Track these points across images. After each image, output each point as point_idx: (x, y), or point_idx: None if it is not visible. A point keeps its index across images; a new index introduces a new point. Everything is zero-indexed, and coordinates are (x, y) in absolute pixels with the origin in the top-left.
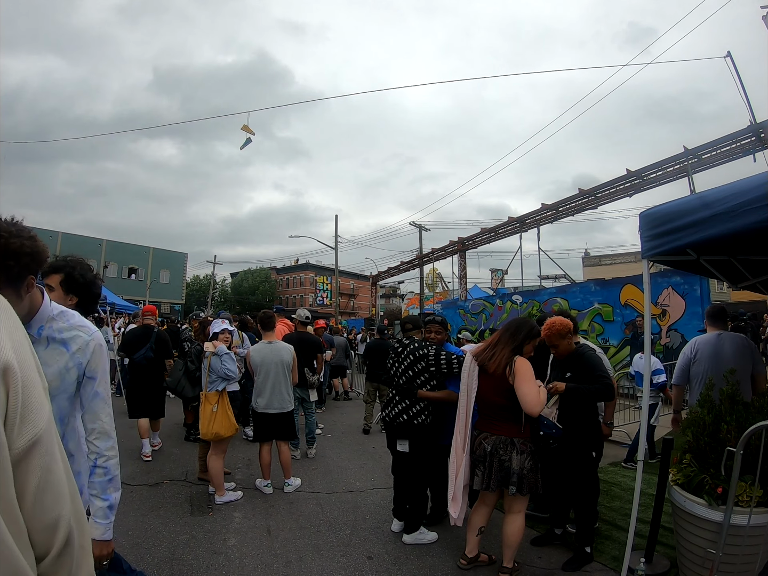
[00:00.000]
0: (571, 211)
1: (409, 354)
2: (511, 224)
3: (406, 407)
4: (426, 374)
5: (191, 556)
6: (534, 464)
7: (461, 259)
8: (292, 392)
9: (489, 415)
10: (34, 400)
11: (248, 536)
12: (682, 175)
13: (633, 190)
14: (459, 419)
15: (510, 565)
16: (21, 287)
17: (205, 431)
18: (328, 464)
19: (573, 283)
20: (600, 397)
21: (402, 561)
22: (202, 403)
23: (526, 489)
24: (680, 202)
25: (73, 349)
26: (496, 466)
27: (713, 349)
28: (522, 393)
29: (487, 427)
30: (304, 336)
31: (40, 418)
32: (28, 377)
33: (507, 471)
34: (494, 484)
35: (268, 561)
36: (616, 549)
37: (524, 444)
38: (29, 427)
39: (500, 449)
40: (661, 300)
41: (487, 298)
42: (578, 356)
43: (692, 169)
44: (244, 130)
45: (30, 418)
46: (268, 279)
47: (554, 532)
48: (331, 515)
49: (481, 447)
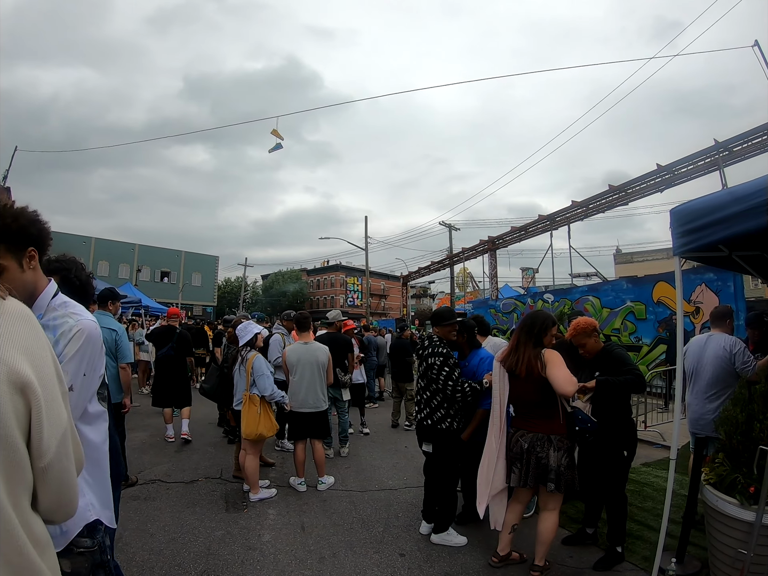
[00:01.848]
0: (602, 207)
1: (424, 359)
2: (541, 222)
3: (432, 411)
4: (434, 384)
5: (226, 551)
6: (571, 461)
7: (492, 258)
8: (326, 392)
9: (525, 413)
10: (54, 413)
11: (282, 532)
12: (714, 169)
13: (664, 185)
14: (493, 424)
15: (541, 564)
16: (22, 257)
17: (249, 432)
18: (360, 463)
19: (605, 281)
20: (631, 388)
21: (434, 558)
22: (245, 404)
23: (563, 486)
24: (711, 197)
25: (57, 334)
26: (533, 463)
27: (698, 349)
28: (553, 377)
29: (523, 425)
30: (335, 336)
31: (59, 432)
32: (48, 390)
33: (544, 468)
34: (531, 481)
35: (301, 557)
36: (648, 549)
37: (561, 441)
38: (52, 441)
39: (537, 446)
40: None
41: (519, 297)
42: (606, 353)
43: (723, 162)
44: (273, 134)
45: (51, 432)
46: (299, 281)
47: (586, 532)
48: (363, 513)
49: (518, 444)
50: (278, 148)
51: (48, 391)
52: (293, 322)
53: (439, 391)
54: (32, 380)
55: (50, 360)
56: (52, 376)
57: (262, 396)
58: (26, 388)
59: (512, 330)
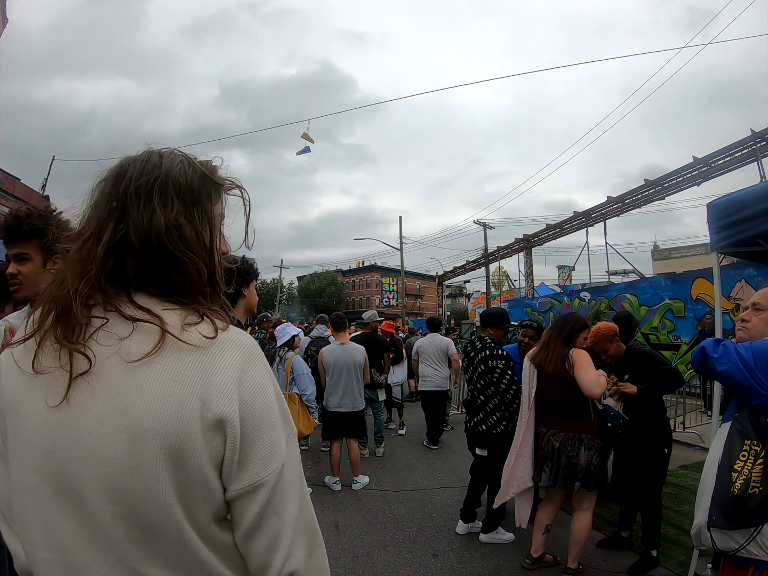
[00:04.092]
0: (638, 203)
1: (480, 363)
2: (576, 219)
3: (486, 416)
4: (493, 387)
5: None
6: (602, 460)
7: (527, 257)
8: (363, 392)
9: (556, 413)
10: (260, 450)
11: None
12: (751, 160)
13: (701, 178)
14: (521, 422)
15: (574, 566)
16: (49, 258)
17: None
18: (395, 463)
19: (642, 278)
20: (671, 389)
21: (467, 559)
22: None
23: (592, 485)
24: (749, 190)
25: None
26: (564, 462)
27: None
28: (580, 379)
29: (555, 425)
30: (371, 336)
31: (265, 468)
32: (255, 427)
33: (575, 467)
34: (561, 481)
35: (335, 555)
36: (684, 554)
37: (592, 440)
38: (246, 476)
39: (568, 446)
40: (734, 294)
41: (555, 295)
42: (633, 354)
43: (761, 153)
44: (303, 138)
45: (249, 468)
46: (334, 281)
47: (621, 535)
48: (397, 513)
49: (549, 444)
50: (306, 151)
51: (254, 428)
52: (329, 323)
53: (497, 394)
54: (232, 417)
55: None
56: (267, 416)
57: (300, 395)
58: (224, 422)
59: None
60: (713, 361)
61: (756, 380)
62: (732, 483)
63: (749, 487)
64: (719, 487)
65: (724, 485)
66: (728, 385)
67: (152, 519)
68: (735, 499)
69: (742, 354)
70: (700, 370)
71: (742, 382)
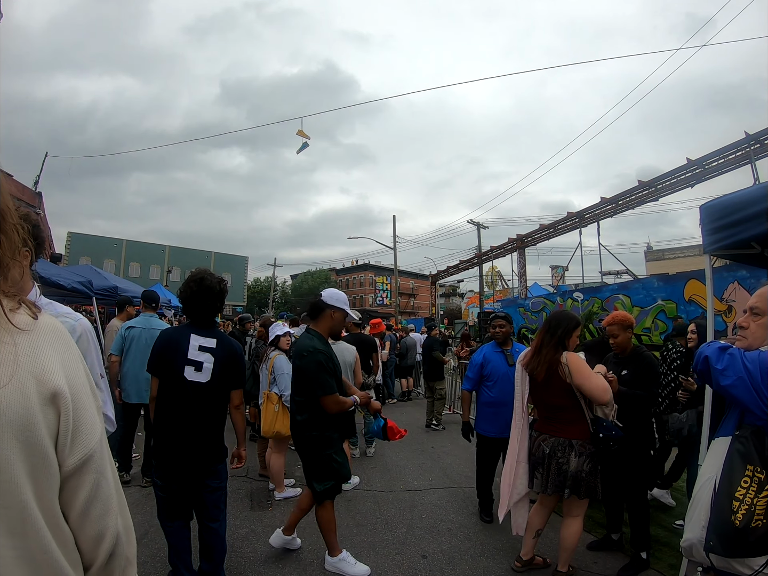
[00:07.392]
0: (631, 204)
1: None
2: (569, 220)
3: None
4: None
5: (249, 549)
6: (593, 467)
7: (520, 257)
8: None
9: (548, 417)
10: (86, 421)
11: (306, 531)
12: (745, 163)
13: (694, 180)
14: (515, 427)
15: (564, 569)
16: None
17: (266, 429)
18: (386, 463)
19: (635, 279)
20: (640, 403)
21: (456, 561)
22: (264, 402)
23: (583, 492)
24: (742, 192)
25: None
26: (554, 469)
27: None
28: (585, 388)
29: (546, 429)
30: (359, 337)
31: (92, 438)
32: (79, 400)
33: (564, 474)
34: (551, 488)
35: (324, 556)
36: (674, 557)
37: (583, 446)
38: (80, 447)
39: (558, 452)
40: (726, 296)
41: (548, 295)
42: (639, 355)
43: (755, 155)
44: (299, 134)
45: (81, 439)
46: (327, 280)
47: (611, 537)
48: (387, 513)
49: (540, 449)
50: (305, 147)
51: (80, 401)
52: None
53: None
54: (64, 390)
55: (83, 374)
56: (86, 389)
57: (280, 395)
58: (57, 396)
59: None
60: (717, 373)
61: (763, 400)
62: (733, 512)
63: (752, 519)
64: (718, 513)
65: (724, 513)
66: (732, 401)
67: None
68: (737, 530)
69: (749, 367)
70: (702, 380)
71: (747, 401)
